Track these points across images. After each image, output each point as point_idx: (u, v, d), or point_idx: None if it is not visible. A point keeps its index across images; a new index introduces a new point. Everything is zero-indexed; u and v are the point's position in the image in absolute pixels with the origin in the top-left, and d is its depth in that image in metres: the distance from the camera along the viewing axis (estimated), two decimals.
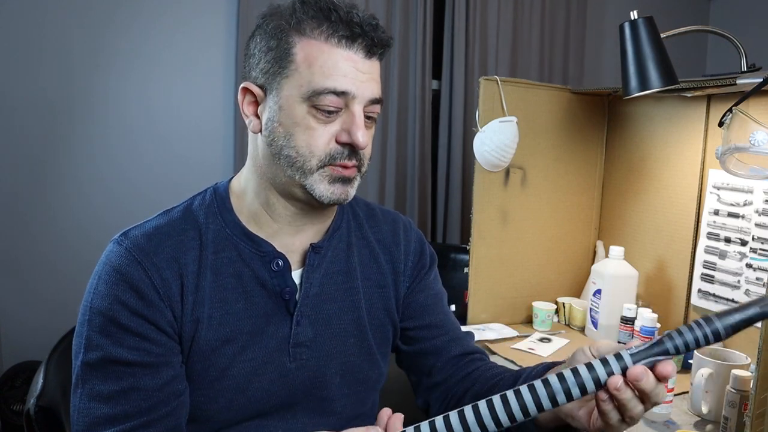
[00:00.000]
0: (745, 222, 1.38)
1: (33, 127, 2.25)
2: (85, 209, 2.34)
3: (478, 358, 0.95)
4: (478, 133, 1.53)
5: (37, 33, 2.22)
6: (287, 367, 0.81)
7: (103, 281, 0.75)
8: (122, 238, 0.78)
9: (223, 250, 0.80)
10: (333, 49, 0.74)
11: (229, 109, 2.55)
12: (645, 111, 1.66)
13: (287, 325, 0.81)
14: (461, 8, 2.77)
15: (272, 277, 0.80)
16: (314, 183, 0.76)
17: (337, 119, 0.75)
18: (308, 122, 0.74)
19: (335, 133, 0.75)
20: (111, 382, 0.72)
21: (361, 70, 0.75)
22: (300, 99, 0.74)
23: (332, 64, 0.73)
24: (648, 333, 1.41)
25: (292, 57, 0.74)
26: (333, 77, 0.73)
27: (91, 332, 0.73)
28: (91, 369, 0.73)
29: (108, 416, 0.71)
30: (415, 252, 0.95)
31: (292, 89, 0.74)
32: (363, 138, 0.75)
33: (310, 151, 0.75)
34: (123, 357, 0.72)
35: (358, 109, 0.75)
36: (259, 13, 0.80)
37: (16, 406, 2.16)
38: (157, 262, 0.75)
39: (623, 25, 1.28)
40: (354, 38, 0.74)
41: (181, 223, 0.80)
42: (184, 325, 0.76)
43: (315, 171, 0.76)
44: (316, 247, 0.84)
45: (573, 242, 1.81)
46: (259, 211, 0.82)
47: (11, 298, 2.26)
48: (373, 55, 0.76)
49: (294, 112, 0.75)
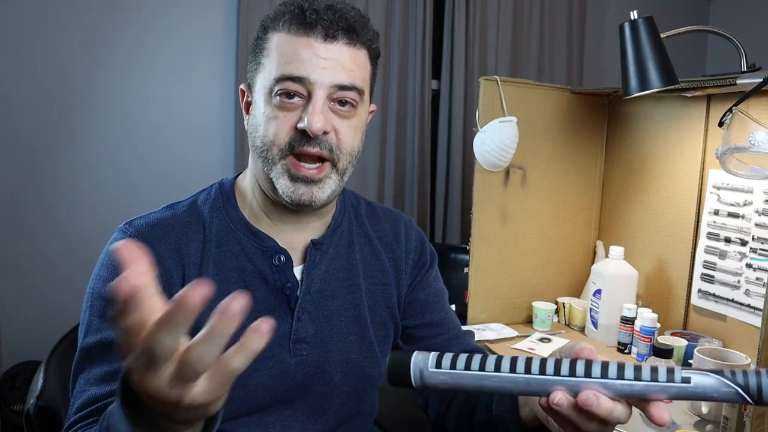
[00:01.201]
0: (745, 222, 1.38)
1: (33, 126, 2.25)
2: (85, 209, 2.34)
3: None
4: (478, 133, 1.53)
5: (37, 33, 2.22)
6: (287, 362, 0.81)
7: (105, 266, 0.76)
8: (126, 227, 0.79)
9: (227, 244, 0.81)
10: (293, 38, 0.75)
11: (229, 109, 2.55)
12: (645, 111, 1.66)
13: (288, 320, 0.81)
14: (461, 8, 2.77)
15: (274, 272, 0.81)
16: (277, 176, 0.76)
17: (299, 109, 0.75)
18: (272, 112, 0.76)
19: (295, 121, 0.75)
20: (106, 364, 0.72)
21: (321, 56, 0.74)
22: (266, 90, 0.76)
23: (291, 51, 0.74)
24: (648, 333, 1.41)
25: (265, 51, 0.77)
26: (291, 63, 0.74)
27: (92, 317, 0.74)
28: (89, 353, 0.73)
29: (98, 396, 0.70)
30: (416, 250, 0.96)
31: (261, 81, 0.77)
32: (318, 123, 0.73)
33: (272, 140, 0.76)
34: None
35: (319, 95, 0.74)
36: (259, 13, 0.81)
37: (16, 406, 2.16)
38: (159, 252, 0.76)
39: (623, 25, 1.28)
40: (312, 24, 0.74)
41: (186, 216, 0.81)
42: None
43: (277, 162, 0.76)
44: (317, 243, 0.85)
45: (573, 242, 1.81)
46: (257, 208, 0.83)
47: (11, 298, 2.26)
48: (334, 39, 0.75)
49: (262, 104, 0.77)
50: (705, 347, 1.24)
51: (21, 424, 0.98)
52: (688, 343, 1.38)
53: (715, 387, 0.50)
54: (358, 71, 0.77)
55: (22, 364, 2.21)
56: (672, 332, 1.47)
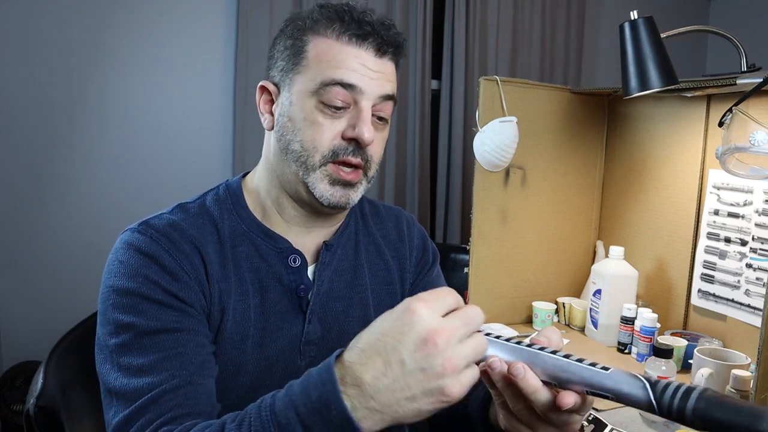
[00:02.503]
0: (745, 222, 1.38)
1: (32, 127, 2.25)
2: (85, 210, 2.34)
3: None
4: (478, 133, 1.53)
5: (37, 32, 2.22)
6: (297, 365, 0.81)
7: (128, 265, 0.72)
8: (144, 227, 0.76)
9: (241, 245, 0.80)
10: (343, 47, 0.75)
11: (228, 109, 2.55)
12: (645, 111, 1.66)
13: (300, 323, 0.81)
14: (461, 8, 2.77)
15: (289, 273, 0.81)
16: (315, 181, 0.76)
17: (345, 116, 0.76)
18: (315, 117, 0.75)
19: (341, 129, 0.76)
20: (150, 353, 0.68)
21: (370, 67, 0.76)
22: (309, 93, 0.76)
23: (341, 59, 0.75)
24: (648, 333, 1.41)
25: (305, 54, 0.77)
26: (341, 70, 0.75)
27: (119, 316, 0.70)
28: (124, 350, 0.69)
29: (151, 383, 0.66)
30: (419, 248, 0.96)
31: (302, 84, 0.76)
32: (369, 133, 0.75)
33: (314, 146, 0.76)
34: (159, 327, 0.69)
35: (366, 105, 0.76)
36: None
37: (16, 406, 2.16)
38: (183, 249, 0.75)
39: (623, 25, 1.28)
40: (365, 36, 0.75)
41: (198, 218, 0.80)
42: (213, 313, 0.75)
43: (317, 168, 0.76)
44: (329, 245, 0.85)
45: (573, 242, 1.81)
46: (270, 209, 0.83)
47: (11, 299, 2.26)
48: (384, 54, 0.77)
49: (303, 107, 0.76)
50: (705, 347, 1.24)
51: (21, 424, 0.98)
52: (688, 343, 1.38)
53: (628, 380, 0.52)
54: (395, 84, 0.81)
55: (22, 364, 2.21)
56: (672, 332, 1.47)
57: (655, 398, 0.50)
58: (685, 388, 0.50)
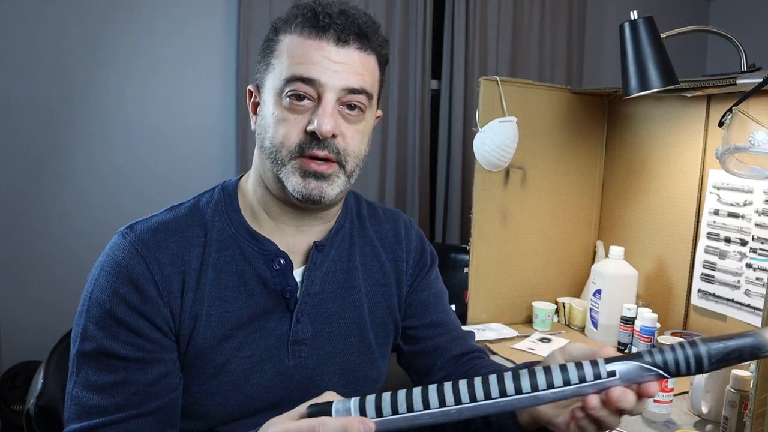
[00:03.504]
0: (745, 222, 1.38)
1: (32, 127, 2.25)
2: (85, 209, 2.34)
3: (477, 356, 0.95)
4: (478, 133, 1.53)
5: (37, 32, 2.22)
6: (286, 364, 0.81)
7: (104, 273, 0.75)
8: (127, 231, 0.78)
9: (227, 248, 0.80)
10: (305, 41, 0.75)
11: (229, 109, 2.55)
12: (645, 111, 1.66)
13: (287, 322, 0.81)
14: (461, 8, 2.77)
15: (273, 275, 0.81)
16: (287, 175, 0.76)
17: (309, 111, 0.76)
18: (282, 114, 0.76)
19: (305, 124, 0.75)
20: (104, 373, 0.73)
21: (332, 59, 0.75)
22: (276, 91, 0.76)
23: (303, 53, 0.75)
24: (648, 333, 1.41)
25: (275, 53, 0.78)
26: (303, 65, 0.74)
27: (88, 323, 0.74)
28: (85, 359, 0.73)
29: (99, 407, 0.72)
30: (416, 250, 0.96)
31: (271, 83, 0.77)
32: (327, 126, 0.74)
33: (281, 142, 0.76)
34: (116, 351, 0.73)
35: (329, 98, 0.75)
36: (259, 13, 0.82)
37: (16, 406, 2.16)
38: (159, 258, 0.76)
39: (623, 25, 1.28)
40: (324, 28, 0.75)
41: (187, 219, 0.81)
42: (183, 322, 0.76)
43: (287, 163, 0.76)
44: (320, 246, 0.84)
45: (573, 242, 1.81)
46: (258, 209, 0.83)
47: (11, 298, 2.26)
48: (346, 44, 0.76)
49: (272, 105, 0.77)
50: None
51: (21, 424, 0.98)
52: None
53: (638, 372, 0.55)
54: (367, 76, 0.78)
55: (22, 364, 2.21)
56: (672, 332, 1.47)
57: (670, 374, 0.55)
58: (686, 357, 0.55)
